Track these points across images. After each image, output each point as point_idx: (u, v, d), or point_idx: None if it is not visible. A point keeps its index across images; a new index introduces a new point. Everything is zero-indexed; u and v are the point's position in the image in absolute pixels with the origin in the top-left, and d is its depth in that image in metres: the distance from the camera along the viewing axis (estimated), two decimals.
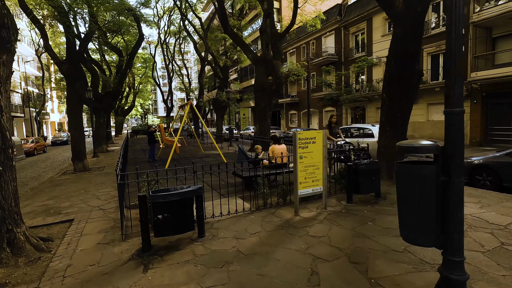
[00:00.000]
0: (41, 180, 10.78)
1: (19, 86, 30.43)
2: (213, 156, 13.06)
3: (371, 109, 21.15)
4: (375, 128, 11.44)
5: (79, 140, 10.65)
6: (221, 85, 20.61)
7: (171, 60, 35.77)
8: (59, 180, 9.42)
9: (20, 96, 30.41)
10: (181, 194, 3.96)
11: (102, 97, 16.92)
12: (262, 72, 14.79)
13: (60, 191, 7.76)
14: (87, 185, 8.33)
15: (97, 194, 7.21)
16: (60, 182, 9.08)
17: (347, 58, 23.13)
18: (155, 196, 3.81)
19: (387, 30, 19.67)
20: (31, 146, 19.97)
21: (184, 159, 12.28)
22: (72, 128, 10.58)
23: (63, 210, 6.10)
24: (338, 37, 23.80)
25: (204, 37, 20.87)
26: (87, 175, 10.11)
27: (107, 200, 6.67)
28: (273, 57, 14.70)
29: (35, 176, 11.63)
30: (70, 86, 10.38)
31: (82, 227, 5.04)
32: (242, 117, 39.87)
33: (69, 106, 10.56)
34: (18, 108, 28.94)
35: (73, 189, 7.97)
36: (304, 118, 28.77)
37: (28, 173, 12.64)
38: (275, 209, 5.32)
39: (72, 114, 10.52)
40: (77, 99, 10.46)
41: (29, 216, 5.76)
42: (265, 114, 14.59)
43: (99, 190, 7.70)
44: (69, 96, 10.45)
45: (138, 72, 38.48)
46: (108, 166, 12.03)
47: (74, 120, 10.55)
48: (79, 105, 10.66)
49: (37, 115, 31.03)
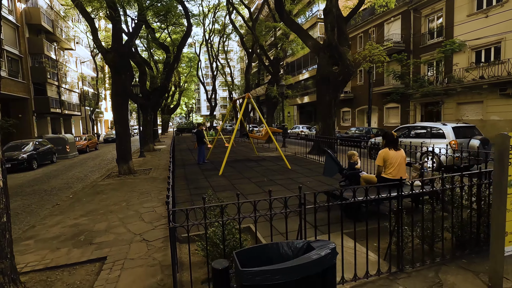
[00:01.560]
0: (85, 182, 9.64)
1: (77, 86, 31.64)
2: (271, 160, 10.93)
3: (450, 104, 17.32)
4: (446, 127, 9.04)
5: (124, 139, 9.26)
6: (272, 80, 18.46)
7: (215, 58, 34.73)
8: (102, 185, 8.03)
9: (78, 96, 31.61)
10: (299, 270, 1.79)
11: (150, 94, 15.85)
12: (326, 61, 12.31)
13: (99, 203, 6.22)
14: (130, 195, 6.72)
15: (140, 211, 5.47)
16: (102, 188, 7.65)
17: (417, 46, 19.41)
18: (249, 275, 1.69)
19: (475, 8, 15.72)
20: (83, 144, 19.88)
21: (238, 163, 10.34)
22: (116, 124, 9.23)
23: (96, 236, 4.38)
24: (405, 21, 20.15)
25: (253, 28, 18.90)
26: (132, 179, 8.63)
27: (152, 222, 4.86)
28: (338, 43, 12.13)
29: (81, 177, 10.61)
30: (116, 78, 9.01)
31: (116, 277, 3.18)
32: (286, 115, 37.47)
33: (114, 100, 9.22)
34: (76, 106, 30.01)
35: (114, 200, 6.38)
36: (359, 116, 25.44)
37: (76, 173, 11.78)
38: (434, 271, 2.91)
39: (117, 108, 9.14)
40: (123, 92, 9.06)
41: (52, 245, 4.13)
42: (329, 110, 12.08)
43: (143, 203, 5.99)
44: (114, 88, 9.10)
45: (184, 71, 38.34)
46: (155, 168, 10.58)
47: (119, 116, 9.17)
48: (125, 98, 9.26)
49: (91, 113, 32.02)
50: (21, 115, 23.38)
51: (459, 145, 8.39)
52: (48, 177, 11.01)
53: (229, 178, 7.73)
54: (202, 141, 10.18)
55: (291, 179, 7.34)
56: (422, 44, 18.98)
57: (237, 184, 7.01)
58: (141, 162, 12.18)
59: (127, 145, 9.33)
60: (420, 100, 18.92)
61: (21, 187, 9.41)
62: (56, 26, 27.18)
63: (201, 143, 10.14)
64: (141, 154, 13.82)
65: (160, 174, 9.27)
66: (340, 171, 5.05)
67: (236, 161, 10.59)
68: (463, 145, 8.25)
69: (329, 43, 12.20)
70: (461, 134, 9.03)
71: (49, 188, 8.99)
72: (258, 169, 8.96)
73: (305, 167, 9.13)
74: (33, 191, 8.66)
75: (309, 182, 6.97)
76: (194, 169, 9.34)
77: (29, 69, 23.86)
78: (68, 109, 28.07)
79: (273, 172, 8.44)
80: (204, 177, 8.00)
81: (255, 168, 9.25)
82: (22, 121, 23.48)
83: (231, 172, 8.63)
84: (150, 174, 9.39)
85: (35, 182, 10.08)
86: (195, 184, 7.22)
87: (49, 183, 9.90)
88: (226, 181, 7.39)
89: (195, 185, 7.10)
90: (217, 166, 9.89)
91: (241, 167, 9.50)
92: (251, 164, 10.08)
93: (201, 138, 10.19)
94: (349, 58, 12.19)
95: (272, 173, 8.28)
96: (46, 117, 25.85)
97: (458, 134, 8.96)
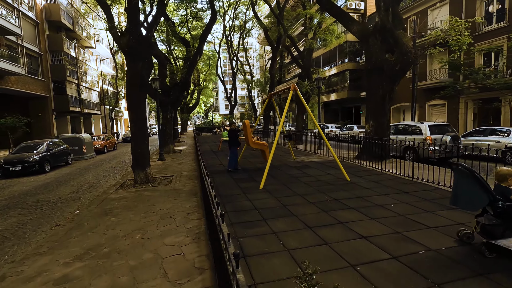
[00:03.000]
0: (96, 190, 7.99)
1: (97, 84, 30.78)
2: (316, 167, 8.83)
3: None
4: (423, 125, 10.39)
5: (141, 140, 7.49)
6: (302, 74, 16.32)
7: (235, 55, 32.96)
8: (112, 200, 6.27)
9: (98, 94, 30.75)
10: None
11: (170, 89, 14.16)
12: (378, 48, 10.06)
13: (105, 232, 4.40)
14: (147, 220, 4.87)
15: (161, 254, 3.58)
16: (112, 205, 5.88)
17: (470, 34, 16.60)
18: None
19: None
20: (101, 144, 18.58)
21: (277, 170, 8.31)
22: (132, 123, 7.45)
23: None
24: (455, 6, 17.40)
25: (280, 17, 16.83)
26: (150, 191, 6.84)
27: (179, 281, 2.95)
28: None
29: (93, 184, 9.00)
30: (131, 67, 7.24)
31: None
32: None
33: (129, 94, 7.44)
34: (96, 105, 29.10)
35: (125, 227, 4.55)
36: (394, 115, 22.77)
37: (89, 177, 10.23)
38: None
39: (133, 104, 7.38)
40: (139, 83, 7.27)
41: None
42: (383, 105, 9.85)
43: (165, 236, 4.10)
44: (129, 79, 7.34)
45: (202, 69, 36.91)
46: (177, 175, 8.78)
47: (134, 112, 7.40)
48: (141, 91, 7.46)
49: (110, 112, 31.08)
50: (41, 114, 22.54)
51: (433, 140, 9.71)
52: (58, 183, 9.51)
53: (274, 195, 5.75)
54: (235, 143, 8.21)
55: (363, 199, 5.26)
56: (477, 31, 16.19)
57: (290, 206, 5.02)
58: (160, 167, 10.45)
59: (144, 148, 7.55)
60: (474, 96, 16.15)
61: (25, 195, 7.90)
62: (76, 23, 26.26)
63: (234, 146, 8.18)
64: (160, 157, 12.13)
65: (184, 184, 7.44)
66: (492, 202, 2.94)
67: (273, 168, 8.59)
68: (436, 140, 9.62)
69: (382, 26, 9.97)
70: (436, 131, 10.18)
71: (54, 199, 7.40)
72: (306, 180, 6.93)
73: (367, 178, 7.01)
74: (35, 203, 7.09)
75: (392, 205, 4.87)
76: (225, 179, 7.42)
77: (49, 67, 22.97)
78: (88, 108, 27.15)
79: (329, 185, 6.38)
80: (242, 192, 6.06)
81: (302, 178, 7.20)
82: (42, 120, 22.64)
83: (273, 184, 6.66)
84: (171, 183, 7.58)
85: (42, 189, 8.56)
86: (233, 203, 5.30)
87: (57, 190, 8.36)
88: (273, 200, 5.41)
89: (233, 205, 5.18)
90: (251, 174, 7.94)
91: (283, 176, 7.50)
92: (294, 172, 8.04)
93: (235, 140, 8.23)
94: (406, 43, 9.91)
95: (329, 187, 6.23)
96: (66, 116, 24.97)
97: (433, 131, 10.19)
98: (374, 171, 7.89)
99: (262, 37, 44.56)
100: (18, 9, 19.29)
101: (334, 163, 8.82)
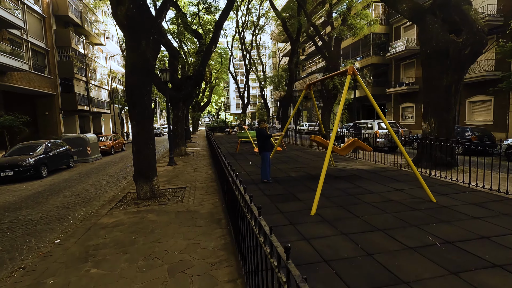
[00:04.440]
0: (91, 205, 6.18)
1: (106, 82, 29.41)
2: (369, 177, 6.70)
3: None
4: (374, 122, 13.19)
5: (144, 145, 5.61)
6: (329, 67, 14.22)
7: (248, 52, 31.07)
8: (103, 230, 4.39)
9: (107, 93, 29.38)
10: None
11: (181, 83, 12.32)
12: (438, 28, 7.89)
13: None
14: (147, 276, 2.95)
15: None
16: (100, 240, 4.00)
17: None
18: None
19: None
20: (108, 144, 16.95)
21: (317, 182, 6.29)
22: (133, 121, 5.57)
23: None
24: None
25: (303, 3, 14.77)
26: (155, 214, 4.95)
27: None
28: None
29: (89, 196, 7.22)
30: (131, 46, 5.37)
31: None
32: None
33: (129, 82, 5.54)
34: (105, 104, 27.70)
35: None
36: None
37: (87, 186, 8.49)
38: None
39: (134, 95, 5.49)
40: (142, 69, 5.39)
41: None
42: (448, 99, 7.69)
43: None
44: (129, 63, 5.44)
45: (214, 67, 35.21)
46: (190, 186, 6.89)
47: (136, 107, 5.51)
48: (146, 79, 5.56)
49: (120, 111, 29.66)
50: (48, 113, 21.20)
51: (380, 134, 12.48)
52: (51, 192, 7.81)
53: (340, 228, 3.73)
54: (268, 146, 6.17)
55: (491, 241, 3.21)
56: None
57: (379, 254, 3.01)
58: (170, 174, 8.60)
59: (149, 154, 5.66)
60: None
61: (5, 210, 6.20)
62: (85, 19, 24.84)
63: (266, 150, 6.13)
64: (170, 161, 10.29)
65: (201, 202, 5.52)
66: None
67: (311, 178, 6.52)
68: (383, 133, 12.53)
69: (443, 0, 7.82)
70: (382, 127, 13.06)
71: (37, 217, 5.66)
72: (371, 200, 4.87)
73: (455, 197, 4.91)
74: (13, 222, 5.39)
75: None
76: (255, 196, 5.44)
77: (56, 64, 21.57)
78: (97, 107, 25.73)
79: (412, 211, 4.32)
80: (288, 222, 4.06)
81: (362, 197, 5.14)
82: (49, 118, 21.26)
83: (327, 206, 4.65)
84: (184, 200, 5.67)
85: (29, 202, 6.86)
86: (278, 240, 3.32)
87: (45, 203, 6.63)
88: (341, 240, 3.40)
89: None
90: (288, 187, 5.92)
91: (333, 193, 5.46)
92: (344, 185, 5.99)
93: (266, 143, 6.19)
94: (477, 20, 7.72)
95: (414, 214, 4.17)
96: (74, 115, 23.59)
97: (380, 127, 13.15)
98: (453, 184, 5.77)
99: (276, 33, 42.44)
100: (23, 1, 17.90)
101: (391, 173, 6.74)
